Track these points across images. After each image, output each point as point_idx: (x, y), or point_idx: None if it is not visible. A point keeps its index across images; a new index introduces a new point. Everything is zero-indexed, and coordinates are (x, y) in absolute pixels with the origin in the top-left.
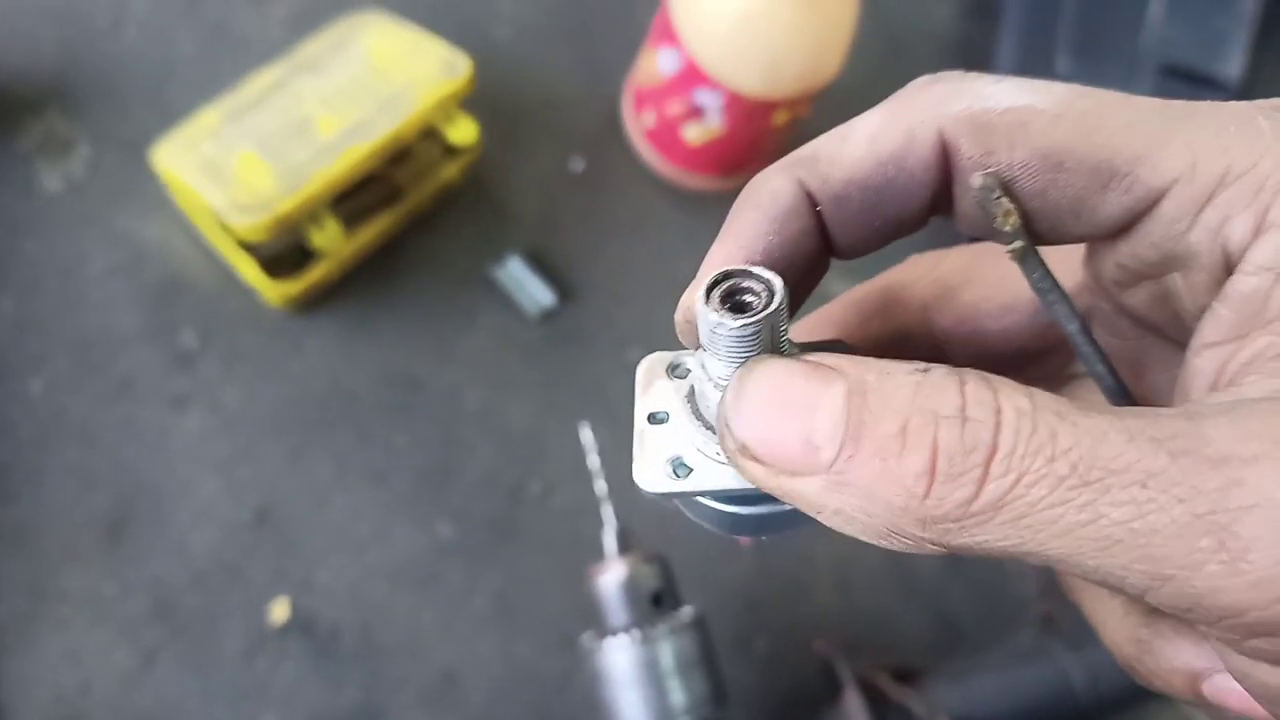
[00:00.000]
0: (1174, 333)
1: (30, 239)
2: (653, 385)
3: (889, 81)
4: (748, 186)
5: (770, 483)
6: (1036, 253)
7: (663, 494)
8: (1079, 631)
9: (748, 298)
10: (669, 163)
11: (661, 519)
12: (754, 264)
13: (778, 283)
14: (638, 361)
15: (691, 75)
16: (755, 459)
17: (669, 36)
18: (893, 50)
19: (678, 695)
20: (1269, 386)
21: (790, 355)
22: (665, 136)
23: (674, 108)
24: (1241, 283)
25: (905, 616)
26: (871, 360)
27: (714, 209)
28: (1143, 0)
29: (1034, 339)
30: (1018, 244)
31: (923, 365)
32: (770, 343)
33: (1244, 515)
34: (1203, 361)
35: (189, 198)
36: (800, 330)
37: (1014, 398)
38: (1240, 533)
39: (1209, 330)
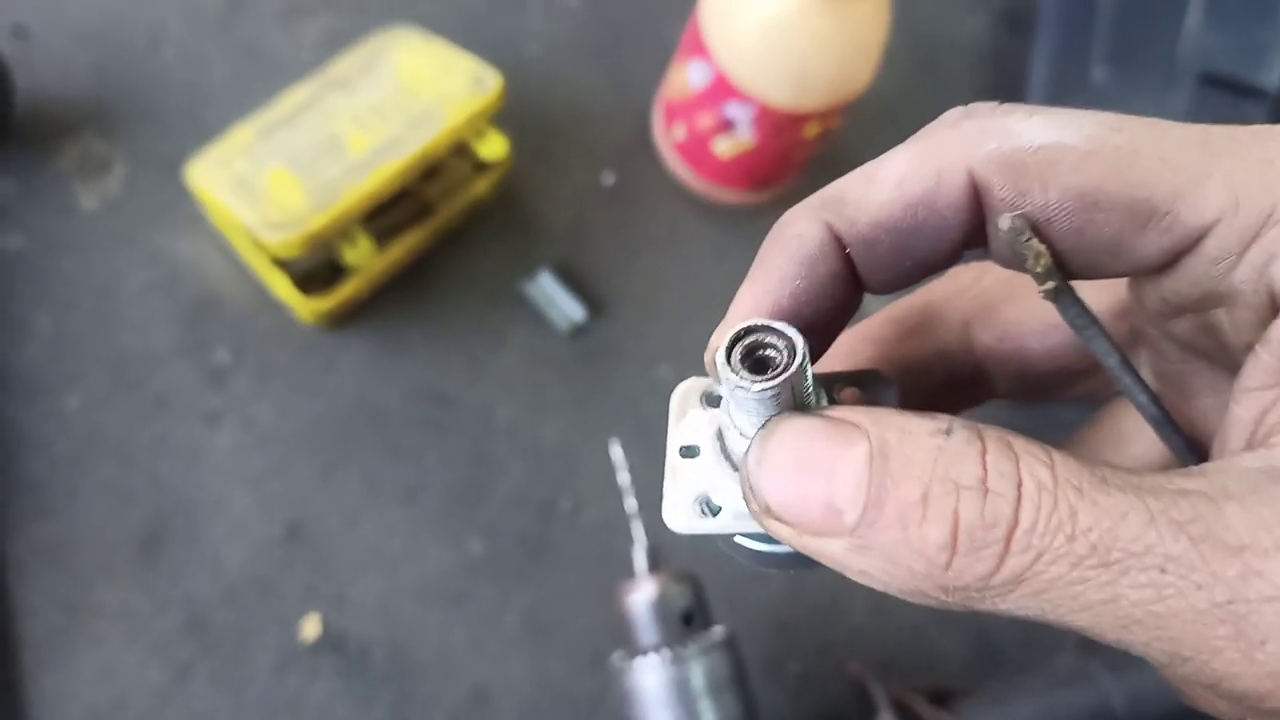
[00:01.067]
0: (1221, 360)
1: (67, 258)
2: (686, 414)
3: (921, 93)
4: (774, 228)
5: (796, 542)
6: (1071, 290)
7: (692, 534)
8: (1120, 654)
9: (770, 353)
10: (699, 176)
11: (692, 539)
12: (781, 308)
13: (799, 341)
14: (669, 378)
15: (721, 88)
16: (780, 520)
17: (699, 49)
18: (925, 61)
19: (709, 717)
20: None
21: (813, 409)
22: (695, 150)
23: (704, 121)
24: None
25: (941, 638)
26: (894, 416)
27: (745, 223)
28: (1180, 9)
29: (1078, 357)
30: (1050, 285)
31: (945, 423)
32: (792, 399)
33: (1262, 607)
34: (1242, 409)
35: (222, 215)
36: (839, 348)
37: (1035, 470)
38: (1258, 624)
39: (1250, 374)
